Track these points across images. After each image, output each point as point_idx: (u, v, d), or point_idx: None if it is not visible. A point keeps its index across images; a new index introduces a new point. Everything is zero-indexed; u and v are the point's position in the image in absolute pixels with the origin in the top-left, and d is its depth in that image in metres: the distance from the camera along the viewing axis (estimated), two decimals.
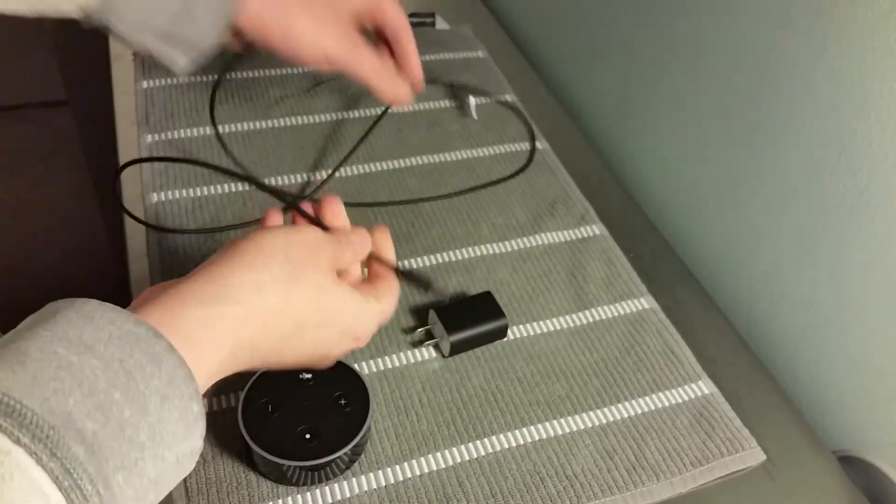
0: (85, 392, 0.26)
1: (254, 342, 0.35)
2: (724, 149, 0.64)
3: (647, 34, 0.71)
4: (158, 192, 0.62)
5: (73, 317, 0.28)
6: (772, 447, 0.52)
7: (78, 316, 0.28)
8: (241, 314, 0.34)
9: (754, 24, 0.58)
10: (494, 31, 0.93)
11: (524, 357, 0.55)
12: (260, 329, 0.35)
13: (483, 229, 0.64)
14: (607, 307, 0.59)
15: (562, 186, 0.70)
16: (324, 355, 0.40)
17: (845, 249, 0.54)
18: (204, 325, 0.32)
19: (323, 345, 0.39)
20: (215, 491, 0.44)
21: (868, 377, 0.54)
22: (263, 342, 0.35)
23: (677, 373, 0.55)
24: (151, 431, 0.27)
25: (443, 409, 0.51)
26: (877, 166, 0.50)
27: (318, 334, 0.38)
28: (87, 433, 0.25)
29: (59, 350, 0.26)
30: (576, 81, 0.85)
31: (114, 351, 0.27)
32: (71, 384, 0.26)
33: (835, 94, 0.52)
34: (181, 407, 0.29)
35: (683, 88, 0.67)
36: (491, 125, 0.76)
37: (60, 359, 0.26)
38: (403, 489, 0.46)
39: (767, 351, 0.62)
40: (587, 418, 0.51)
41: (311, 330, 0.38)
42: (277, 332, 0.36)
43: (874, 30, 0.48)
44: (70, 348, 0.27)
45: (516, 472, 0.48)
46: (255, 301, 0.35)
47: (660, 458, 0.50)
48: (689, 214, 0.70)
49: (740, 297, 0.65)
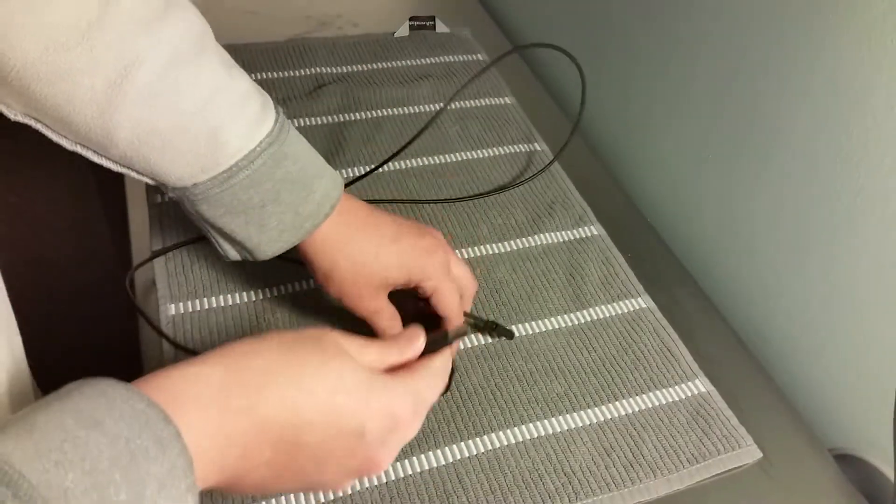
0: (86, 469, 0.25)
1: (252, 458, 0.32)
2: (721, 150, 0.65)
3: (645, 36, 0.72)
4: (163, 194, 0.63)
5: (88, 391, 0.28)
6: (768, 445, 0.52)
7: (92, 390, 0.28)
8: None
9: (752, 25, 0.58)
10: (493, 34, 0.93)
11: (523, 355, 0.55)
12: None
13: (483, 229, 0.65)
14: (605, 307, 0.60)
15: (560, 188, 0.71)
16: (317, 480, 0.35)
17: (842, 249, 0.54)
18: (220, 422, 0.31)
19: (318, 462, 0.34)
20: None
21: (864, 375, 0.55)
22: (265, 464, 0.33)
23: (674, 371, 0.56)
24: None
25: (443, 406, 0.51)
26: (873, 168, 0.50)
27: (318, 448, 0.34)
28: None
29: (68, 421, 0.26)
30: (574, 83, 0.86)
31: (122, 429, 0.27)
32: (73, 457, 0.25)
33: (832, 96, 0.52)
34: (176, 497, 0.27)
35: (682, 90, 0.68)
36: (491, 127, 0.76)
37: (67, 431, 0.26)
38: (404, 486, 0.47)
39: (764, 349, 0.63)
40: (585, 416, 0.52)
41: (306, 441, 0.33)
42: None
43: (871, 31, 0.48)
44: (79, 421, 0.26)
45: (515, 469, 0.48)
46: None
47: (657, 456, 0.50)
48: (686, 215, 0.71)
49: (737, 296, 0.65)
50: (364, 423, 0.34)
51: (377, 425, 0.34)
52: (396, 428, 0.36)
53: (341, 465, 0.35)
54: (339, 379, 0.34)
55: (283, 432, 0.32)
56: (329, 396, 0.33)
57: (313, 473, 0.34)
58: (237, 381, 0.32)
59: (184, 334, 0.53)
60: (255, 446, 0.31)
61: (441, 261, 0.49)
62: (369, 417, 0.34)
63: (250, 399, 0.31)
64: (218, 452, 0.30)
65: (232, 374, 0.32)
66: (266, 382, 0.32)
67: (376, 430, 0.34)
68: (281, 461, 0.33)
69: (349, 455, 0.34)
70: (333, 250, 0.47)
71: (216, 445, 0.30)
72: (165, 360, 0.51)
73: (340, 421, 0.33)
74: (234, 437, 0.31)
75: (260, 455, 0.32)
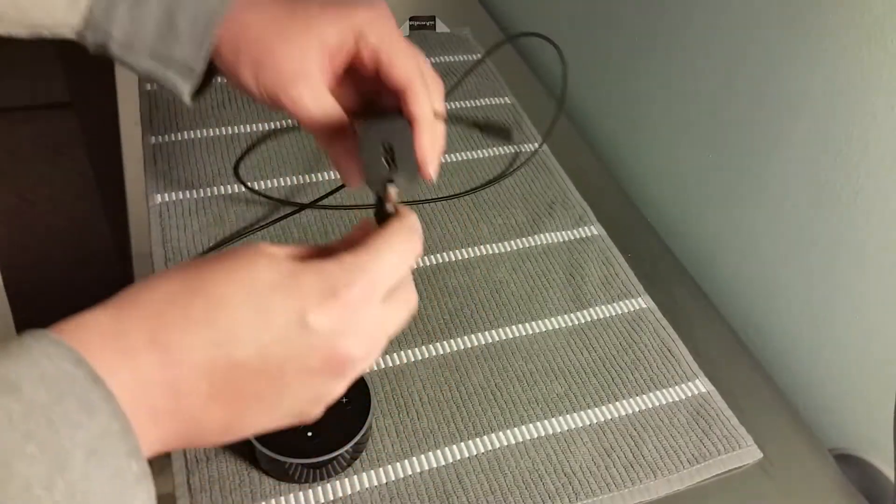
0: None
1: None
2: (721, 150, 0.65)
3: (645, 36, 0.72)
4: (162, 194, 0.63)
5: (14, 349, 0.25)
6: (768, 445, 0.52)
7: (19, 347, 0.25)
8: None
9: (752, 26, 0.58)
10: (493, 33, 0.93)
11: (523, 356, 0.55)
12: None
13: (483, 229, 0.65)
14: (605, 306, 0.60)
15: (560, 187, 0.71)
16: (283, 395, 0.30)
17: (841, 249, 0.54)
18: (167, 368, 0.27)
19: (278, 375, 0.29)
20: (218, 489, 0.45)
21: (864, 376, 0.55)
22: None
23: (674, 371, 0.56)
24: (70, 491, 0.23)
25: (443, 406, 0.51)
26: (873, 167, 0.50)
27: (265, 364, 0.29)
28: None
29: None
30: (575, 83, 0.86)
31: (42, 394, 0.24)
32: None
33: (831, 96, 0.52)
34: (114, 465, 0.24)
35: (683, 91, 0.68)
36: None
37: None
38: (404, 486, 0.47)
39: (764, 350, 0.63)
40: (585, 416, 0.52)
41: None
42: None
43: (871, 32, 0.48)
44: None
45: (515, 470, 0.48)
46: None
47: (657, 456, 0.50)
48: (686, 215, 0.71)
49: (737, 296, 0.65)
50: (301, 311, 0.28)
51: (321, 310, 0.28)
52: (349, 306, 0.29)
53: (302, 373, 0.29)
54: (252, 276, 0.28)
55: (208, 355, 0.27)
56: (246, 297, 0.28)
57: (275, 394, 0.29)
58: (133, 318, 0.27)
59: None
60: (184, 383, 0.27)
61: (388, 16, 0.41)
62: (306, 303, 0.28)
63: (151, 333, 0.27)
64: (143, 403, 0.27)
65: (126, 313, 0.27)
66: (164, 310, 0.28)
67: (322, 316, 0.28)
68: (227, 391, 0.28)
69: (303, 356, 0.29)
70: (256, 30, 0.41)
71: (136, 397, 0.26)
72: None
73: (270, 319, 0.28)
74: (151, 380, 0.27)
75: (196, 391, 0.27)
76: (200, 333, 0.27)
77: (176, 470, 0.45)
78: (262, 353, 0.28)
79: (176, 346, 0.27)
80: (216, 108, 0.72)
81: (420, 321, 0.56)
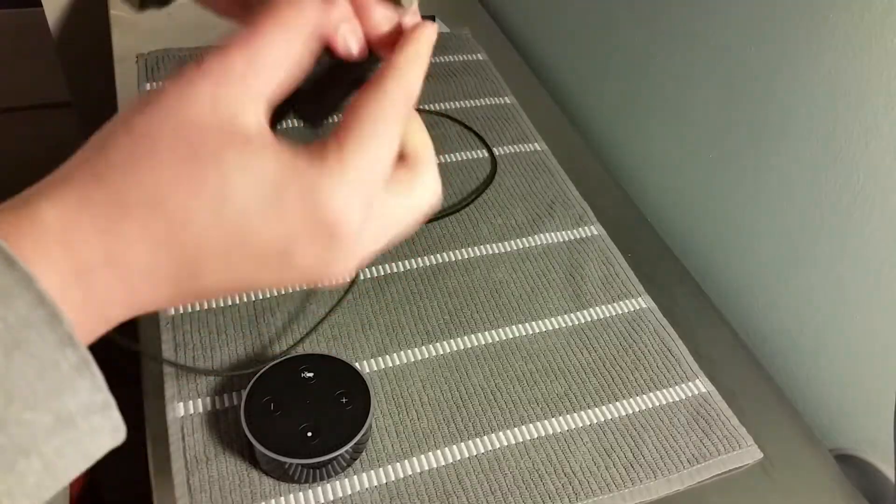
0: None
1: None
2: (721, 150, 0.65)
3: (644, 36, 0.72)
4: None
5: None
6: (769, 445, 0.52)
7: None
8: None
9: (752, 26, 0.58)
10: (493, 33, 0.93)
11: (523, 356, 0.55)
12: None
13: (482, 229, 0.65)
14: (605, 307, 0.60)
15: (560, 187, 0.71)
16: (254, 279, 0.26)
17: (841, 249, 0.54)
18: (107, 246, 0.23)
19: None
20: (217, 489, 0.45)
21: (865, 376, 0.55)
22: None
23: (674, 371, 0.56)
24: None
25: (443, 407, 0.51)
26: (873, 167, 0.50)
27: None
28: None
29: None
30: (574, 84, 0.86)
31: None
32: None
33: (832, 96, 0.52)
34: (42, 357, 0.21)
35: (683, 91, 0.68)
36: (491, 127, 0.76)
37: None
38: (404, 486, 0.46)
39: (764, 350, 0.63)
40: (585, 416, 0.52)
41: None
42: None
43: (871, 31, 0.48)
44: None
45: (515, 470, 0.48)
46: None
47: (657, 456, 0.50)
48: (686, 215, 0.71)
49: (737, 296, 0.65)
50: (287, 248, 0.25)
51: (308, 249, 0.25)
52: (338, 237, 0.25)
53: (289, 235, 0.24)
54: (225, 189, 0.23)
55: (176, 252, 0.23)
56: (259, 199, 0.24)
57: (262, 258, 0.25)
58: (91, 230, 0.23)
59: (183, 335, 0.53)
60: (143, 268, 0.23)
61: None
62: (291, 240, 0.24)
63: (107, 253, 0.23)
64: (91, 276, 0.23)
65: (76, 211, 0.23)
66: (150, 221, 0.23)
67: (310, 251, 0.25)
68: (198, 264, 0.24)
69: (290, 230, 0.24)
70: None
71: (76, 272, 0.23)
72: (165, 358, 0.51)
73: (245, 248, 0.24)
74: (86, 267, 0.23)
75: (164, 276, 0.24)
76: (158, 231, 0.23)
77: (176, 470, 0.45)
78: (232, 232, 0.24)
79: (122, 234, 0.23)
80: None
81: (420, 321, 0.56)
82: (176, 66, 0.75)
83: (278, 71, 0.25)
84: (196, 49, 0.77)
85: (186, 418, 0.48)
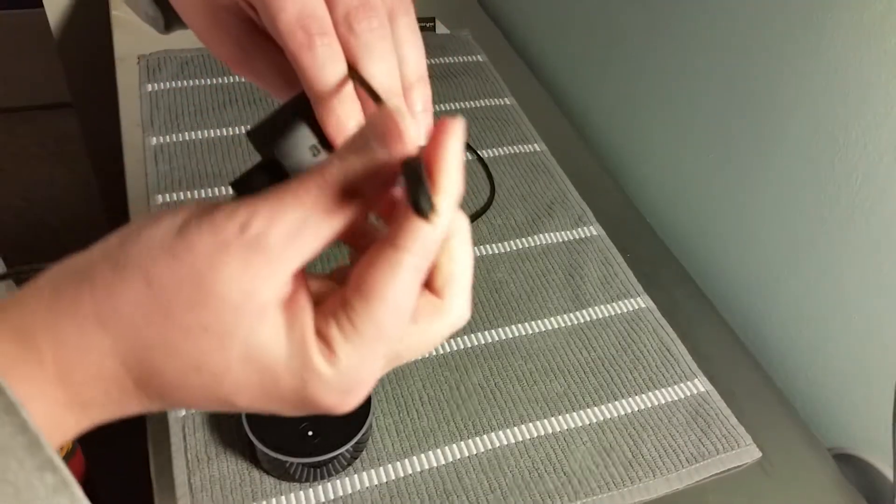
0: None
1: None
2: (720, 151, 0.65)
3: (644, 37, 0.72)
4: (163, 194, 0.63)
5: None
6: (767, 445, 0.53)
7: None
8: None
9: (752, 28, 0.58)
10: (493, 35, 0.93)
11: (523, 355, 0.55)
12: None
13: (482, 229, 0.65)
14: (604, 306, 0.60)
15: (560, 188, 0.71)
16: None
17: (840, 249, 0.54)
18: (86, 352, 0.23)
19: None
20: (219, 488, 0.45)
21: (863, 375, 0.55)
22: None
23: (673, 371, 0.56)
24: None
25: (443, 406, 0.51)
26: (871, 168, 0.50)
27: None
28: None
29: None
30: (574, 85, 0.86)
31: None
32: None
33: (831, 97, 0.52)
34: (17, 484, 0.21)
35: (682, 91, 0.68)
36: (490, 127, 0.77)
37: None
38: (404, 485, 0.47)
39: (763, 349, 0.63)
40: (584, 415, 0.52)
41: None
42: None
43: (870, 33, 0.48)
44: None
45: (515, 469, 0.48)
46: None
47: (656, 455, 0.50)
48: (685, 215, 0.71)
49: (736, 296, 0.66)
50: (303, 408, 0.25)
51: (322, 406, 0.25)
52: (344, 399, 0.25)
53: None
54: (244, 339, 0.23)
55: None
56: (217, 386, 0.24)
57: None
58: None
59: None
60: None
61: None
62: (288, 407, 0.25)
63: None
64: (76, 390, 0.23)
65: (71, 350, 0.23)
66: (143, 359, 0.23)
67: (324, 405, 0.25)
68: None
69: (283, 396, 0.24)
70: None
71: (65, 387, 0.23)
72: None
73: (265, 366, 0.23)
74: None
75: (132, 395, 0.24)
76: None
77: (177, 470, 0.45)
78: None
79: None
80: (217, 109, 0.72)
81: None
82: (177, 67, 0.76)
83: (312, 253, 0.24)
84: (196, 50, 0.78)
85: (188, 418, 0.48)
